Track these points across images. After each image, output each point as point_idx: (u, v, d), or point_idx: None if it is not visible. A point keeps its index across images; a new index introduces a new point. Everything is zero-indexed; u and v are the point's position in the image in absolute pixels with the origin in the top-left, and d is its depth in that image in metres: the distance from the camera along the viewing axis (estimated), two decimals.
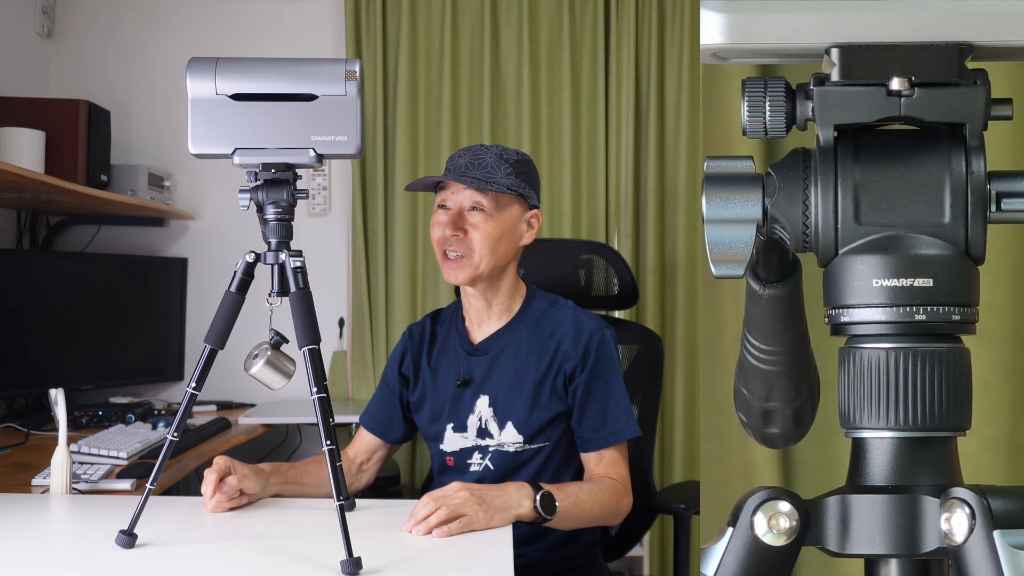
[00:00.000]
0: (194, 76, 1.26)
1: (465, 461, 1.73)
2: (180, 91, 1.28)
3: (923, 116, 0.67)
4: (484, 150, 1.69)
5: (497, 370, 1.73)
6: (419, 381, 1.81)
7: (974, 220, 0.66)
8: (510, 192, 1.67)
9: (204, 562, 1.25)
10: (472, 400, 1.74)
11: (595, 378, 1.69)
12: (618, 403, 1.70)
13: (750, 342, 0.79)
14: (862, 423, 0.69)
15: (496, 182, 1.65)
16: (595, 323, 1.73)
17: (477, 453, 1.72)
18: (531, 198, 1.73)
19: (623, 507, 1.67)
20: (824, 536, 0.70)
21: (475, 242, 1.66)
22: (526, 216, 1.73)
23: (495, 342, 1.75)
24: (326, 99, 1.25)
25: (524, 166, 1.72)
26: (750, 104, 0.69)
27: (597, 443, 1.69)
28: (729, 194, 0.71)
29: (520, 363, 1.72)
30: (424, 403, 1.80)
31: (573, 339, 1.70)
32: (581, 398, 1.69)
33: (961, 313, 0.66)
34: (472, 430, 1.73)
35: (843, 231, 0.68)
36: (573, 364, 1.69)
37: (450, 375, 1.77)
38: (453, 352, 1.79)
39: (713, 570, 0.70)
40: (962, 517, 0.63)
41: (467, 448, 1.73)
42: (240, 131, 1.26)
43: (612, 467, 1.69)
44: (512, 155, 1.70)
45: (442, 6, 3.31)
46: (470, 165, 1.67)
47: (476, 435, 1.72)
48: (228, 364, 1.59)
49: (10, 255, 2.85)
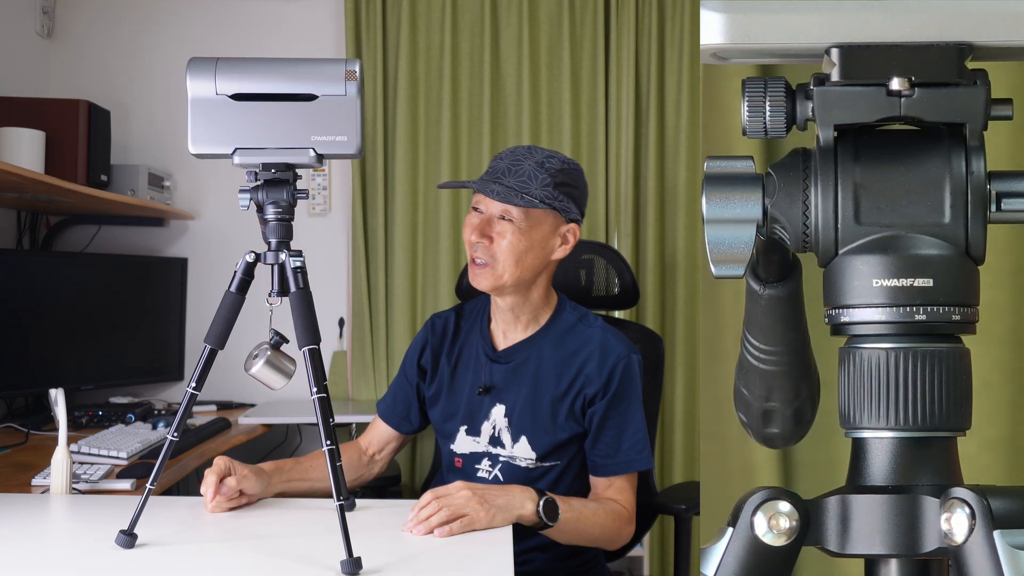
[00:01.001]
0: (194, 76, 1.26)
1: (473, 465, 1.72)
2: (180, 91, 1.28)
3: (923, 116, 0.67)
4: (527, 155, 1.62)
5: (517, 381, 1.71)
6: (437, 375, 1.80)
7: (974, 220, 0.66)
8: (542, 206, 1.60)
9: (204, 562, 1.25)
10: (489, 407, 1.72)
11: (615, 405, 1.66)
12: (635, 432, 1.67)
13: (750, 342, 0.79)
14: (862, 423, 0.69)
15: (529, 193, 1.58)
16: (623, 348, 1.69)
17: (487, 460, 1.71)
18: (569, 212, 1.64)
19: (624, 535, 1.67)
20: (824, 536, 0.70)
21: (499, 252, 1.62)
22: (561, 230, 1.66)
23: (519, 352, 1.72)
24: (326, 99, 1.25)
25: (567, 176, 1.63)
26: (750, 104, 0.69)
27: (608, 470, 1.67)
28: (729, 194, 0.71)
29: (541, 377, 1.69)
30: (439, 399, 1.79)
31: (599, 363, 1.67)
32: (598, 423, 1.67)
33: (961, 313, 0.66)
34: (485, 436, 1.72)
35: (843, 231, 0.68)
36: (595, 389, 1.66)
37: (467, 376, 1.76)
38: (475, 354, 1.77)
39: (713, 570, 0.70)
40: (962, 517, 0.63)
41: (478, 453, 1.72)
42: (240, 131, 1.26)
43: (620, 494, 1.67)
44: (556, 164, 1.62)
45: (442, 6, 3.31)
46: (507, 171, 1.61)
47: (488, 442, 1.71)
48: (228, 364, 1.59)
49: (10, 255, 2.85)
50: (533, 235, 1.62)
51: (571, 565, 1.75)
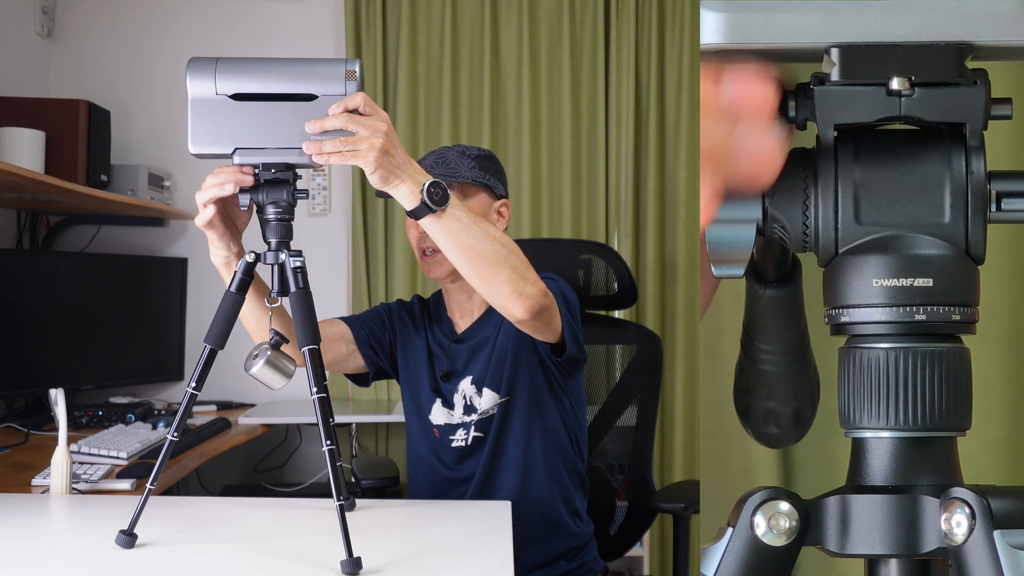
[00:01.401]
0: (194, 76, 1.26)
1: (448, 437, 1.76)
2: (180, 91, 1.28)
3: (923, 116, 0.67)
4: (446, 150, 1.73)
5: (480, 354, 1.75)
6: (400, 357, 1.83)
7: (974, 220, 0.66)
8: (474, 183, 1.70)
9: (204, 562, 1.24)
10: (456, 382, 1.77)
11: None
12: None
13: (750, 342, 0.79)
14: (862, 423, 0.69)
15: (460, 175, 1.68)
16: None
17: (461, 430, 1.75)
18: (497, 188, 1.75)
19: (533, 273, 1.47)
20: (824, 536, 0.70)
21: None
22: (495, 206, 1.75)
23: (478, 330, 1.77)
24: (326, 99, 1.25)
25: (486, 160, 1.75)
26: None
27: None
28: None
29: (499, 342, 1.73)
30: (406, 372, 1.82)
31: None
32: None
33: (961, 313, 0.66)
34: (459, 407, 1.76)
35: (843, 231, 0.68)
36: None
37: (420, 362, 1.79)
38: (430, 346, 1.81)
39: (713, 570, 0.70)
40: (962, 517, 0.63)
41: (452, 424, 1.76)
42: (240, 131, 1.26)
43: None
44: (474, 151, 1.74)
45: (442, 6, 3.31)
46: (434, 165, 1.70)
47: (463, 412, 1.75)
48: (228, 364, 1.59)
49: (10, 255, 2.85)
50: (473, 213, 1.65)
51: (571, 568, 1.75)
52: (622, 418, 2.19)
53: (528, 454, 1.72)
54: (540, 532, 1.72)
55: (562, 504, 1.75)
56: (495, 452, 1.72)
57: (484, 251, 1.38)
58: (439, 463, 1.78)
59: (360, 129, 1.24)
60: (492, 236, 1.39)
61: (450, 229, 1.35)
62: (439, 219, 1.33)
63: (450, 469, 1.77)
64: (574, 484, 1.78)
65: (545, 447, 1.73)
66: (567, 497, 1.76)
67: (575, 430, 1.77)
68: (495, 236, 1.40)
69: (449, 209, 1.33)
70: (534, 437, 1.73)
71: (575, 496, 1.78)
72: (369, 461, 2.41)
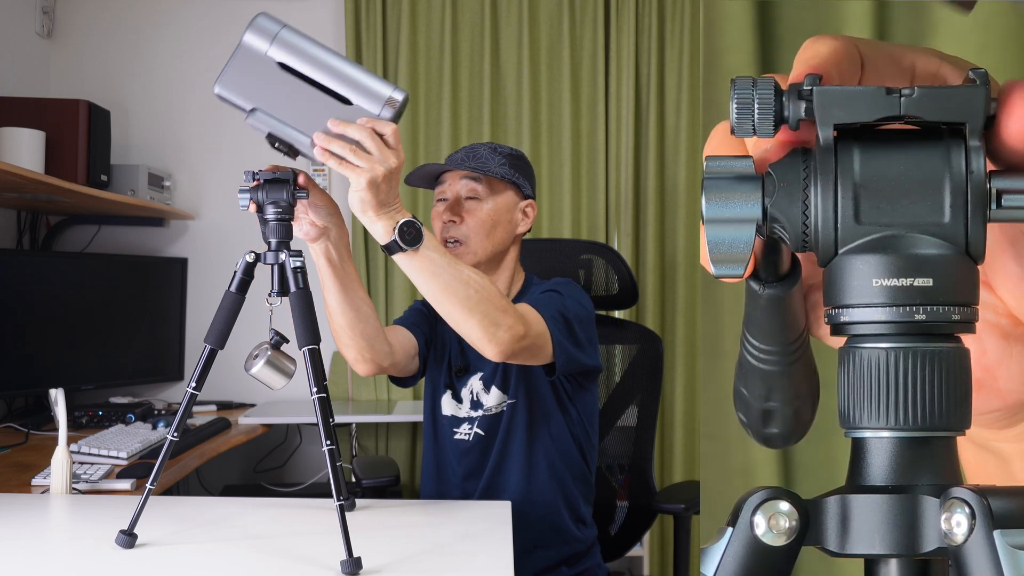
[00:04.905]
0: (255, 30, 1.27)
1: (452, 429, 1.77)
2: (180, 91, 1.28)
3: (923, 115, 0.67)
4: (479, 145, 1.77)
5: None
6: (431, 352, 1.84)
7: (974, 219, 0.66)
8: (503, 180, 1.72)
9: (204, 562, 1.25)
10: (467, 378, 1.79)
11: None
12: (541, 303, 1.59)
13: (750, 342, 0.79)
14: (862, 423, 0.69)
15: (489, 170, 1.71)
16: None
17: (466, 424, 1.76)
18: (525, 188, 1.77)
19: (510, 317, 1.45)
20: (824, 536, 0.69)
21: (471, 227, 1.71)
22: (521, 205, 1.77)
23: None
24: (358, 110, 1.26)
25: (518, 160, 1.77)
26: (738, 104, 0.69)
27: None
28: (729, 194, 0.70)
29: None
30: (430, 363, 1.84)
31: None
32: None
33: (961, 313, 0.66)
34: (466, 402, 1.78)
35: (843, 231, 0.68)
36: None
37: (442, 356, 1.81)
38: (453, 336, 1.79)
39: (713, 570, 0.70)
40: (962, 517, 0.63)
41: (459, 417, 1.78)
42: (267, 95, 1.26)
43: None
44: (506, 149, 1.77)
45: (442, 6, 3.31)
46: (465, 157, 1.73)
47: (469, 407, 1.77)
48: (228, 364, 1.59)
49: (10, 255, 2.85)
50: (499, 207, 1.73)
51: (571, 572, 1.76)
52: (622, 418, 2.19)
53: (532, 457, 1.72)
54: (543, 536, 1.72)
55: (566, 509, 1.75)
56: (501, 453, 1.72)
57: (457, 294, 1.38)
58: (446, 460, 1.79)
59: (374, 151, 1.25)
60: (466, 280, 1.39)
61: (423, 269, 1.36)
62: (411, 258, 1.35)
63: (453, 467, 1.77)
64: (579, 490, 1.78)
65: (549, 452, 1.74)
66: (571, 502, 1.76)
67: (582, 438, 1.77)
68: (469, 280, 1.39)
69: (423, 250, 1.34)
70: (538, 442, 1.73)
71: (579, 502, 1.78)
72: (369, 461, 2.41)
